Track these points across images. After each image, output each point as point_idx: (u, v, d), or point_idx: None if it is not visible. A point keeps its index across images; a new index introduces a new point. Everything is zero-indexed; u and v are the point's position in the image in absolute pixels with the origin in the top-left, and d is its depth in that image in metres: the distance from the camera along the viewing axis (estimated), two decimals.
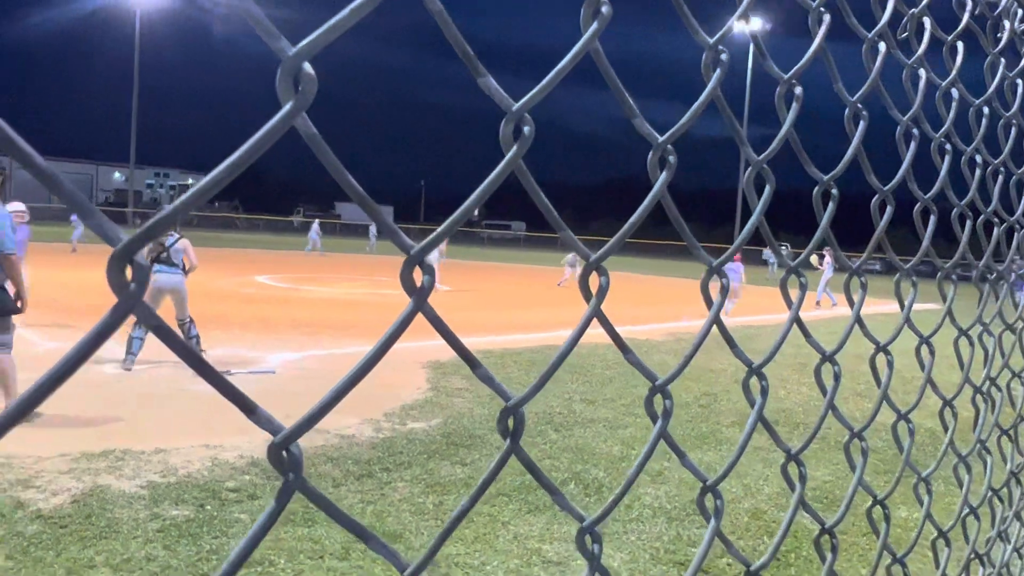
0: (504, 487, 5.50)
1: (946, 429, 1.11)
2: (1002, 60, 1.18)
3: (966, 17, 1.06)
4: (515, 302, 20.19)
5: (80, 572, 3.85)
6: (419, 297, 0.48)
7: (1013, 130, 1.27)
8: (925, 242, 1.05)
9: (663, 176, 0.62)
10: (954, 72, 1.08)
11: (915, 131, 0.99)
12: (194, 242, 9.58)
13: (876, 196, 0.95)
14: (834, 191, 0.85)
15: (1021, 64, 1.27)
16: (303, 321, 13.36)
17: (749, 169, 0.72)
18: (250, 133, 0.46)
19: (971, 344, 1.18)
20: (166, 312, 9.08)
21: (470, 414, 7.43)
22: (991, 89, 1.16)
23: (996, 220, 1.25)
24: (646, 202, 0.62)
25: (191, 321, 9.28)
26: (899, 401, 1.28)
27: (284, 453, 0.41)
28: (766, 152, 0.74)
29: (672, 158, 0.62)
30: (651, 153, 0.62)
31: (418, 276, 0.48)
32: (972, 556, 1.28)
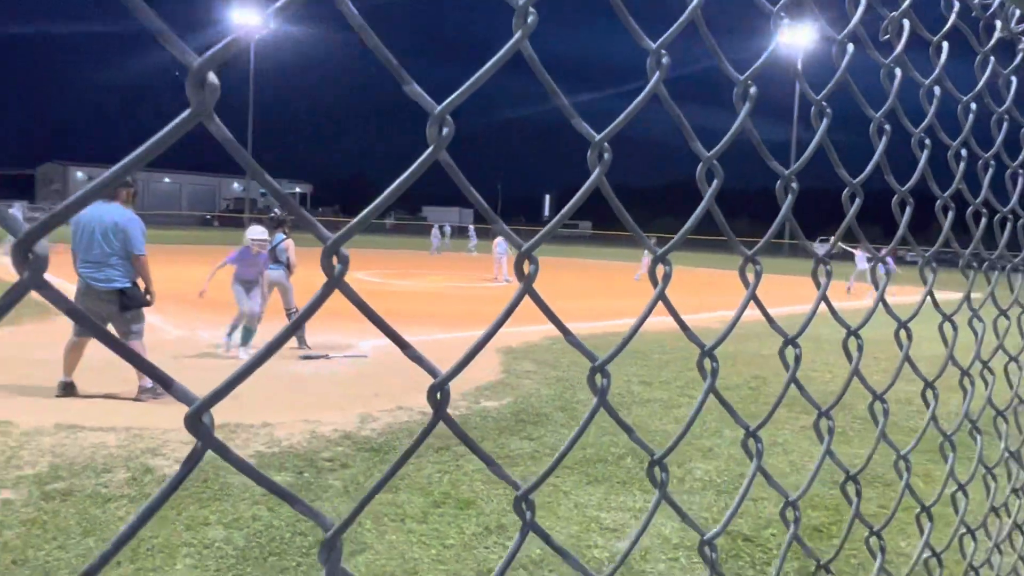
0: (567, 461, 5.49)
1: (928, 406, 1.05)
2: (991, 58, 1.11)
3: (953, 17, 1.00)
4: (580, 293, 20.05)
5: (197, 528, 4.05)
6: (331, 282, 0.49)
7: (1006, 124, 1.19)
8: (901, 229, 0.99)
9: (598, 169, 0.61)
10: (938, 69, 1.02)
11: (887, 127, 0.94)
12: (300, 243, 9.88)
13: (847, 188, 0.91)
14: (794, 184, 0.81)
15: (1016, 60, 1.18)
16: (393, 311, 13.61)
17: (700, 164, 0.71)
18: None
19: (955, 329, 1.11)
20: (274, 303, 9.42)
21: (537, 394, 7.45)
22: (981, 83, 1.09)
23: (984, 211, 1.17)
24: (581, 191, 0.61)
25: (296, 310, 9.58)
26: (917, 382, 1.22)
27: (199, 422, 0.42)
28: (715, 148, 0.72)
29: (607, 155, 0.61)
30: (590, 150, 0.61)
31: (335, 262, 0.49)
32: (963, 532, 1.21)
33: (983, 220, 1.16)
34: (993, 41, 1.09)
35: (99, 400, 6.59)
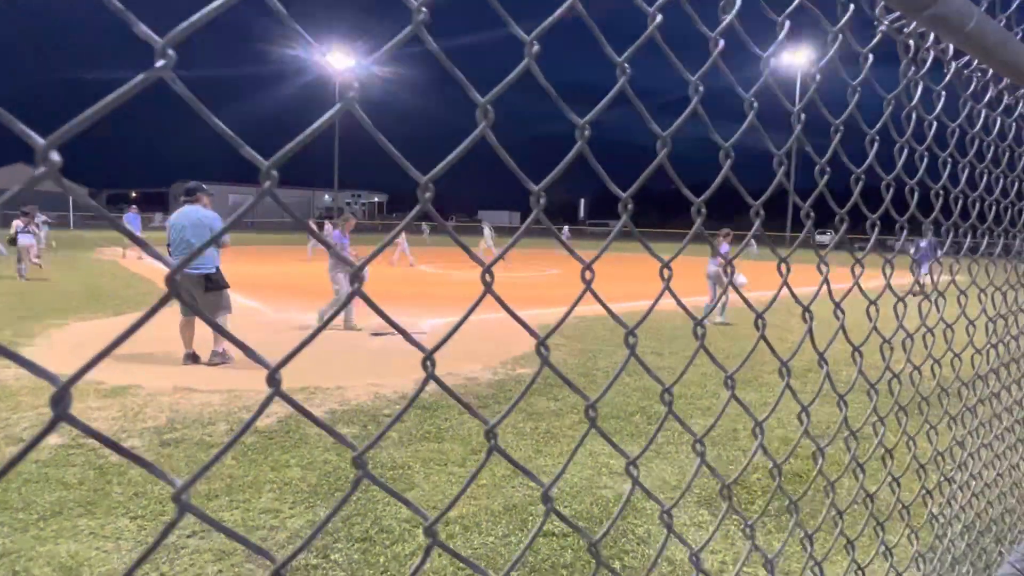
0: (584, 417, 5.42)
1: (855, 363, 0.97)
2: (912, 68, 1.05)
3: (877, 38, 0.94)
4: (615, 278, 19.73)
5: (280, 470, 4.12)
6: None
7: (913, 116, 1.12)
8: (811, 202, 0.92)
9: (580, 143, 0.59)
10: (864, 73, 0.97)
11: (803, 116, 0.91)
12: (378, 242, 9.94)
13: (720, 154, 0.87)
14: (732, 154, 0.77)
15: (923, 70, 1.10)
16: (450, 296, 13.68)
17: (659, 141, 0.67)
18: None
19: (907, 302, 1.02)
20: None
21: (564, 363, 7.38)
22: (901, 86, 1.03)
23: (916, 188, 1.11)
24: (568, 156, 0.59)
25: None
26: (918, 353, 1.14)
27: (59, 395, 0.38)
28: (669, 129, 0.70)
29: (588, 132, 0.59)
30: (576, 131, 0.59)
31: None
32: (916, 466, 1.13)
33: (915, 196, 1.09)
34: (912, 53, 1.04)
35: (209, 368, 6.76)
